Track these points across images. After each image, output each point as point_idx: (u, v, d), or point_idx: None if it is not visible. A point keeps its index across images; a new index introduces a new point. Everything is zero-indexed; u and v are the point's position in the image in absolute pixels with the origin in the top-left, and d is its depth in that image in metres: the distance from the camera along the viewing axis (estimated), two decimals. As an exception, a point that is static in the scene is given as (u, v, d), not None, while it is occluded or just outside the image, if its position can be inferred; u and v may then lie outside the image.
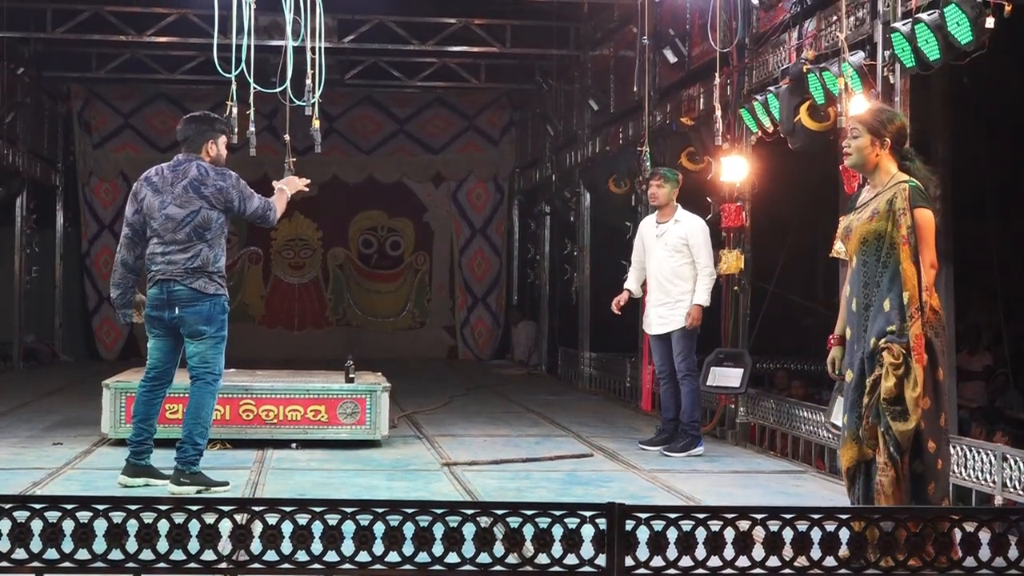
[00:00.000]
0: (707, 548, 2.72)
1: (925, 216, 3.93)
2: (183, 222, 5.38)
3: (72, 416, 7.87)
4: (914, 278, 3.88)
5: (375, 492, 5.42)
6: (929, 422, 3.89)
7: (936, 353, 3.92)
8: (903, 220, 3.91)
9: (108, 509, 2.66)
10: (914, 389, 3.83)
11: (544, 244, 13.38)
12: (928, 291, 3.90)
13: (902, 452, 3.87)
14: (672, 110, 8.99)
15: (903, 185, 3.98)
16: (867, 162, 4.12)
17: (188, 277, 5.36)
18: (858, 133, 4.11)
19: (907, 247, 3.89)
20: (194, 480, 5.33)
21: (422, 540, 2.70)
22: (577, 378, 11.55)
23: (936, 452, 3.90)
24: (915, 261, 3.89)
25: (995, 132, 8.18)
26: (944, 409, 3.95)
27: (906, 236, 3.90)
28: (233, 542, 2.68)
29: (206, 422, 5.42)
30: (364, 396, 6.81)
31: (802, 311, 9.48)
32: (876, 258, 3.99)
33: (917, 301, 3.86)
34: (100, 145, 14.02)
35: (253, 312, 14.45)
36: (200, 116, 5.65)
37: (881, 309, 3.95)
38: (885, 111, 4.33)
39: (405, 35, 11.81)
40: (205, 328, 5.36)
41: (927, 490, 3.89)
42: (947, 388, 3.99)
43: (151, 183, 5.49)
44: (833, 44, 6.32)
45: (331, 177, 14.19)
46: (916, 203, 3.93)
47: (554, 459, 6.50)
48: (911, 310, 3.86)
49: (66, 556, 2.66)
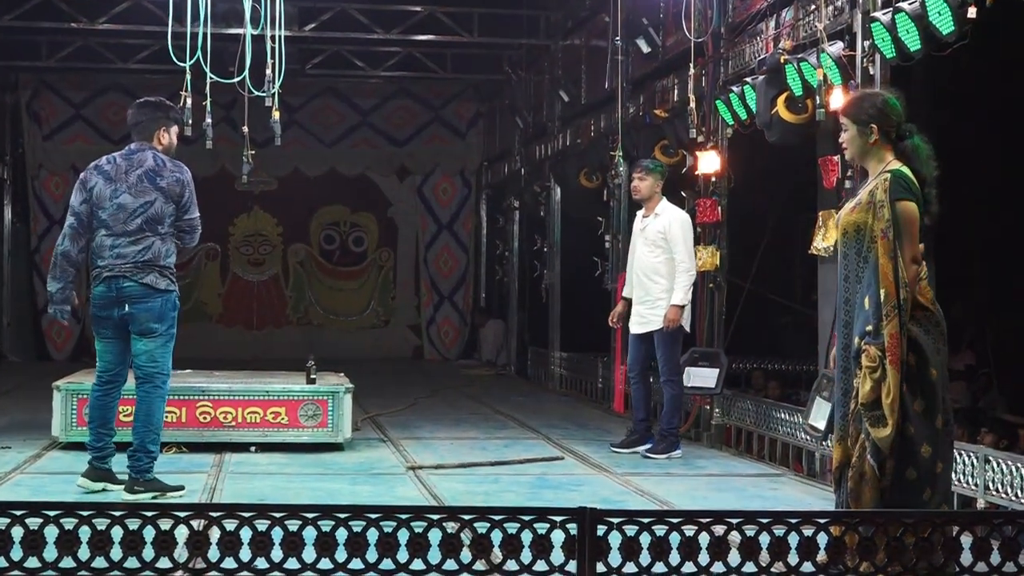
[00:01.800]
0: (681, 554, 2.69)
1: (906, 209, 3.81)
2: (135, 212, 5.20)
3: (21, 419, 7.73)
4: (891, 274, 3.77)
5: (337, 497, 5.36)
6: (921, 426, 3.76)
7: (927, 352, 3.79)
8: (882, 213, 3.81)
9: (59, 515, 2.63)
10: (888, 395, 3.72)
11: (513, 240, 13.29)
12: (912, 287, 3.78)
13: (882, 459, 3.75)
14: (645, 102, 8.94)
15: (885, 175, 3.88)
16: (861, 153, 4.02)
17: (138, 272, 5.19)
18: (845, 126, 4.03)
19: (885, 241, 3.79)
20: (148, 487, 5.20)
21: (386, 546, 2.67)
22: (547, 378, 11.50)
23: (933, 456, 3.77)
24: (893, 256, 3.78)
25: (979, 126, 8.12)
26: (940, 409, 3.81)
27: (884, 230, 3.80)
28: (189, 549, 2.65)
29: (158, 427, 5.30)
30: (326, 398, 6.71)
31: (779, 310, 9.40)
32: (856, 251, 3.90)
33: (894, 299, 3.75)
34: (50, 137, 13.80)
35: (210, 310, 14.28)
36: (153, 102, 5.46)
37: (862, 307, 3.86)
38: (864, 96, 4.23)
39: (368, 23, 11.69)
40: (156, 326, 5.21)
41: (922, 496, 3.75)
42: (942, 388, 3.84)
43: (102, 171, 5.30)
44: (811, 34, 6.28)
45: (292, 170, 14.10)
46: (897, 195, 3.81)
47: (523, 462, 6.43)
48: (887, 308, 3.75)
49: (15, 564, 2.62)
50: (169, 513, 2.64)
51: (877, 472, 3.75)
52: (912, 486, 3.76)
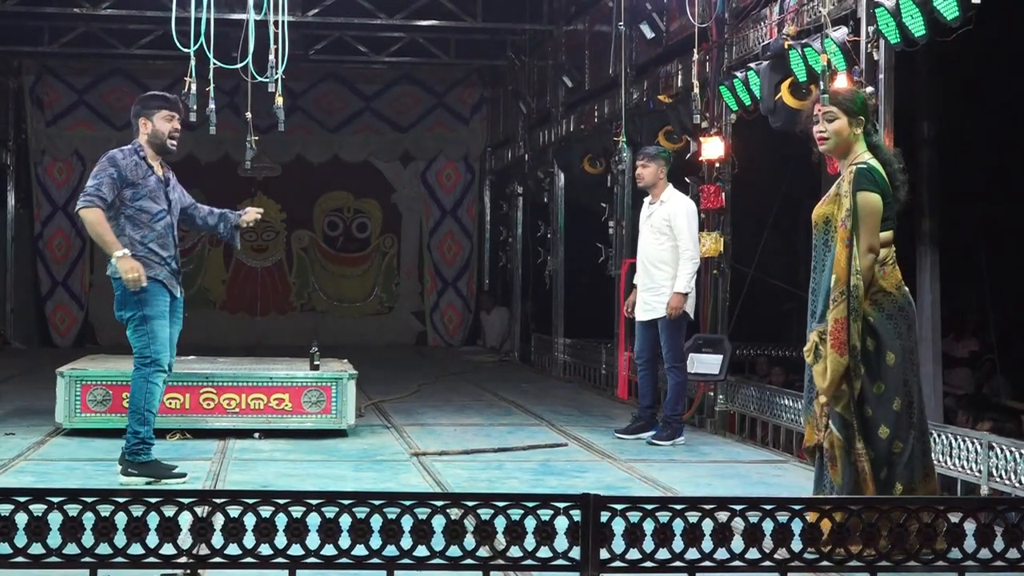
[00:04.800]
0: (685, 540, 2.67)
1: (866, 199, 3.91)
2: None
3: (25, 405, 7.72)
4: (843, 261, 3.86)
5: (341, 483, 5.35)
6: (880, 408, 3.90)
7: (883, 336, 3.90)
8: (844, 203, 3.91)
9: (63, 502, 2.60)
10: (822, 379, 3.85)
11: (516, 226, 13.23)
12: (866, 276, 3.86)
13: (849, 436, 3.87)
14: (649, 87, 8.89)
15: (852, 167, 3.98)
16: (844, 145, 4.08)
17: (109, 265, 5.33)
18: (834, 116, 4.06)
19: (843, 230, 3.89)
20: (142, 471, 5.21)
21: (390, 533, 2.64)
22: (551, 365, 11.46)
23: (891, 436, 3.90)
24: (848, 244, 3.87)
25: (984, 111, 8.07)
26: (900, 393, 3.93)
27: (843, 219, 3.90)
28: (193, 536, 2.62)
29: (138, 409, 5.27)
30: (330, 384, 6.70)
31: (783, 296, 9.37)
32: (824, 242, 4.01)
33: (843, 285, 3.84)
34: (53, 122, 13.72)
35: (214, 297, 14.24)
36: (140, 97, 5.58)
37: (821, 293, 3.97)
38: (851, 90, 4.37)
39: (372, 8, 11.64)
40: (122, 313, 5.30)
41: (879, 476, 3.88)
42: (903, 371, 3.95)
43: None
44: (815, 19, 6.24)
45: (295, 156, 14.03)
46: (860, 186, 3.92)
47: (527, 449, 6.42)
48: (835, 294, 3.86)
49: (19, 551, 2.59)
50: (173, 500, 2.63)
51: (846, 444, 3.88)
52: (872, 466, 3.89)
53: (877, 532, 2.73)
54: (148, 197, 5.32)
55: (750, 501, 2.72)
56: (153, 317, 5.24)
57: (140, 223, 5.29)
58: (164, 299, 5.29)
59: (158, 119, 5.38)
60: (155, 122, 5.37)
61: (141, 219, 5.30)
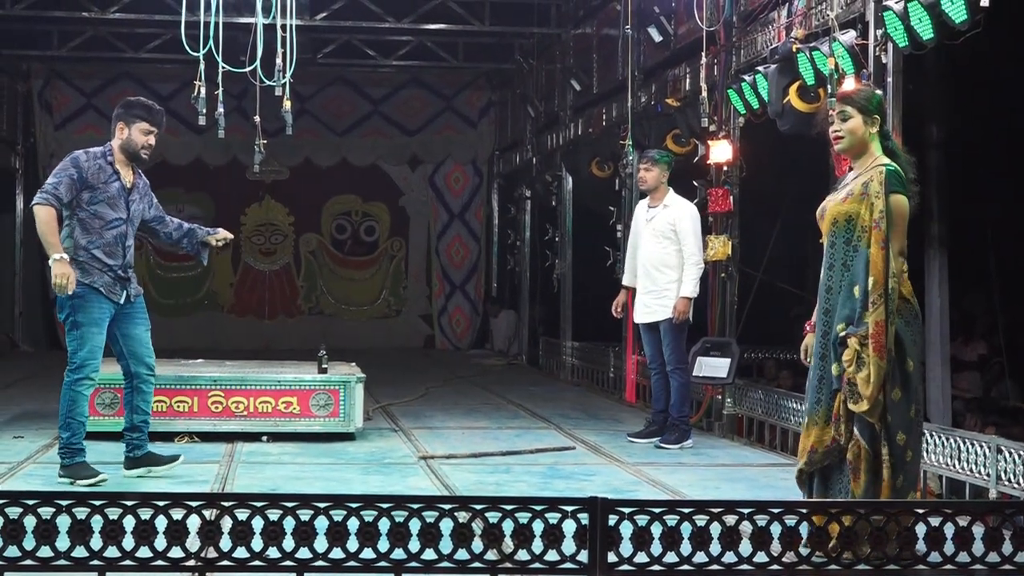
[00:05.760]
0: (692, 544, 2.68)
1: (899, 202, 3.90)
2: None
3: (33, 409, 7.72)
4: (880, 264, 3.84)
5: (349, 487, 5.37)
6: (899, 414, 3.88)
7: (906, 343, 3.88)
8: (877, 204, 3.88)
9: (72, 505, 2.62)
10: (866, 385, 3.80)
11: (524, 230, 13.23)
12: (900, 278, 3.86)
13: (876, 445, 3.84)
14: (657, 91, 8.89)
15: (881, 168, 3.95)
16: (859, 144, 4.06)
17: None
18: (849, 115, 4.05)
19: (877, 231, 3.86)
20: (67, 473, 5.23)
21: (398, 536, 2.65)
22: (559, 368, 11.45)
23: (906, 444, 3.89)
24: (884, 246, 3.85)
25: (992, 114, 8.05)
26: (915, 400, 3.93)
27: (876, 220, 3.87)
28: (202, 539, 2.65)
29: (64, 414, 5.25)
30: (338, 387, 6.70)
31: (791, 299, 9.35)
32: (845, 240, 3.96)
33: (881, 288, 3.83)
34: (62, 126, 13.73)
35: (222, 300, 14.27)
36: (126, 100, 5.56)
37: (850, 295, 3.93)
38: (866, 89, 4.34)
39: (380, 12, 11.64)
40: (60, 315, 5.32)
41: (896, 485, 3.88)
42: (918, 378, 3.97)
43: None
44: (823, 23, 6.26)
45: (303, 160, 14.04)
46: (892, 188, 3.90)
47: (535, 452, 6.44)
48: (874, 296, 3.84)
49: (28, 554, 2.61)
50: (181, 503, 2.64)
51: (871, 454, 3.86)
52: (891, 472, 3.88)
53: (885, 536, 2.73)
54: (106, 203, 5.29)
55: (758, 504, 2.72)
56: (85, 324, 5.20)
57: (91, 228, 5.28)
58: (101, 306, 5.23)
59: (136, 129, 5.36)
60: (132, 131, 5.36)
61: (93, 224, 5.28)
